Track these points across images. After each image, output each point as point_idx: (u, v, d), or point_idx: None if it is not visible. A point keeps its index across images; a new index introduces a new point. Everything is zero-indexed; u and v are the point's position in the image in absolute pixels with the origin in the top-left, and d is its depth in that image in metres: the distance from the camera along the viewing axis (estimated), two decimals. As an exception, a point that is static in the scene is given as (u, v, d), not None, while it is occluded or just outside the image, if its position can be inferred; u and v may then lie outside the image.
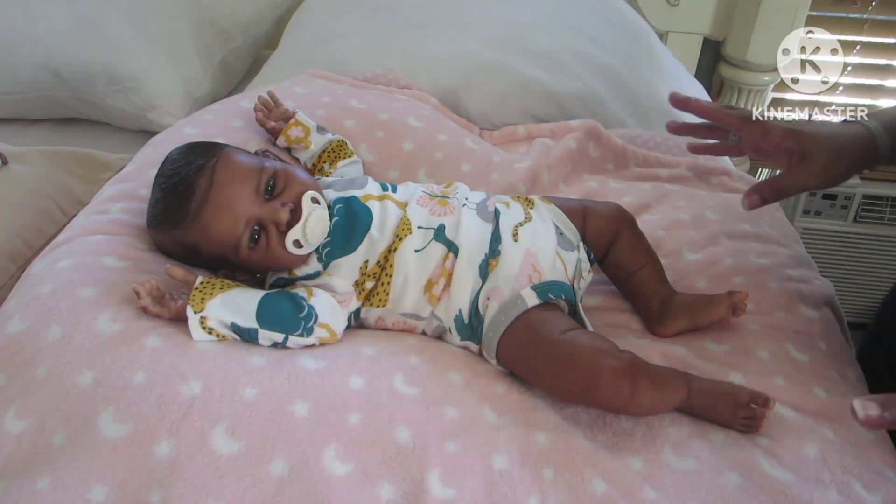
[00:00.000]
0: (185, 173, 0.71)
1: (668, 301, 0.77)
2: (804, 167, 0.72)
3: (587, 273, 0.78)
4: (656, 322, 0.77)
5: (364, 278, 0.73)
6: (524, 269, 0.71)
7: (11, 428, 0.56)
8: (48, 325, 0.62)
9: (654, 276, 0.79)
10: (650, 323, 0.78)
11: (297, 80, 1.09)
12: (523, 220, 0.76)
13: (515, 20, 1.30)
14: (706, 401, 0.66)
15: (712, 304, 0.75)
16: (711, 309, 0.75)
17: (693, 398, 0.66)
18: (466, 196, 0.79)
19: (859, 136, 0.73)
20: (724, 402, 0.66)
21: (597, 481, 0.59)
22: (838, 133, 0.73)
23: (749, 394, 0.65)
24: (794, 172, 0.72)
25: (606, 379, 0.61)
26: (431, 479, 0.57)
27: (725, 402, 0.65)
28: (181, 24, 1.36)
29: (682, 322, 0.76)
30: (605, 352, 0.64)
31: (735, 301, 0.74)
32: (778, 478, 0.61)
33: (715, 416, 0.66)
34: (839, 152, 0.72)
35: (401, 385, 0.64)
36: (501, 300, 0.70)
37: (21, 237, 0.96)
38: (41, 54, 1.25)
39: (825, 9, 1.76)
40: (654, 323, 0.77)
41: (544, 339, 0.66)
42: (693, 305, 0.76)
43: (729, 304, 0.75)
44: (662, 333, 0.77)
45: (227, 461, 0.55)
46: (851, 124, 0.75)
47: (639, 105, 1.22)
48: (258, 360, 0.64)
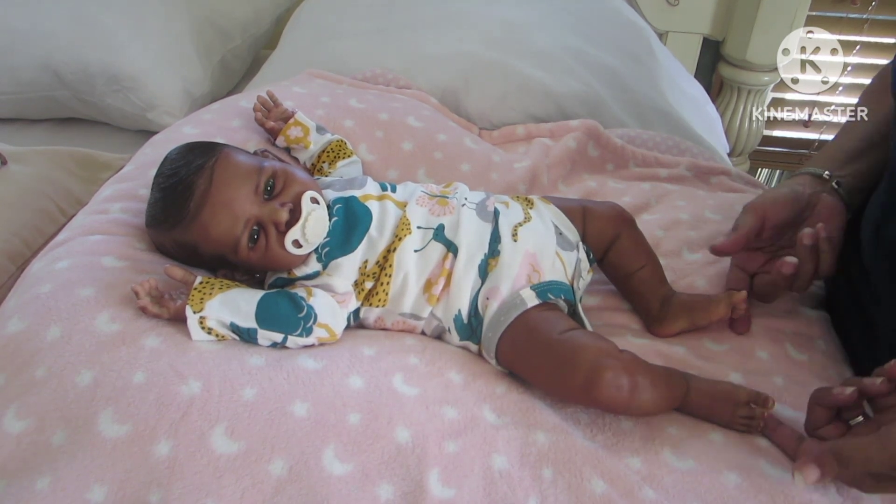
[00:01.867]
0: (185, 173, 0.71)
1: (668, 301, 0.77)
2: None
3: (586, 273, 0.78)
4: (656, 322, 0.77)
5: (363, 278, 0.73)
6: (523, 269, 0.71)
7: (11, 428, 0.56)
8: (47, 325, 0.62)
9: (653, 276, 0.79)
10: (650, 323, 0.78)
11: (297, 80, 1.09)
12: (523, 219, 0.76)
13: (515, 20, 1.30)
14: (705, 401, 0.66)
15: (712, 304, 0.75)
16: (711, 309, 0.75)
17: (692, 398, 0.66)
18: (466, 196, 0.79)
19: (807, 182, 0.79)
20: (723, 403, 0.65)
21: (596, 481, 0.59)
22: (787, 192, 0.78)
23: (748, 394, 0.65)
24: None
25: (606, 379, 0.61)
26: (431, 479, 0.57)
27: (724, 403, 0.65)
28: (181, 24, 1.36)
29: (682, 322, 0.76)
30: (605, 352, 0.64)
31: (734, 301, 0.74)
32: (777, 477, 0.60)
33: (714, 416, 0.66)
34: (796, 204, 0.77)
35: (400, 385, 0.64)
36: (501, 300, 0.70)
37: (20, 237, 0.96)
38: (41, 54, 1.25)
39: (825, 9, 1.77)
40: (654, 323, 0.77)
41: (543, 339, 0.66)
42: (692, 305, 0.76)
43: (728, 303, 0.75)
44: (662, 333, 0.77)
45: (227, 461, 0.55)
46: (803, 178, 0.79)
47: (638, 105, 1.22)
48: (257, 360, 0.64)
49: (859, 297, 0.77)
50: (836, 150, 0.83)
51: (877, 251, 0.71)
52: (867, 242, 0.73)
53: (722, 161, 1.16)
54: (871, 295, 0.75)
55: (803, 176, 0.80)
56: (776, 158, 2.11)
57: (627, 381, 0.61)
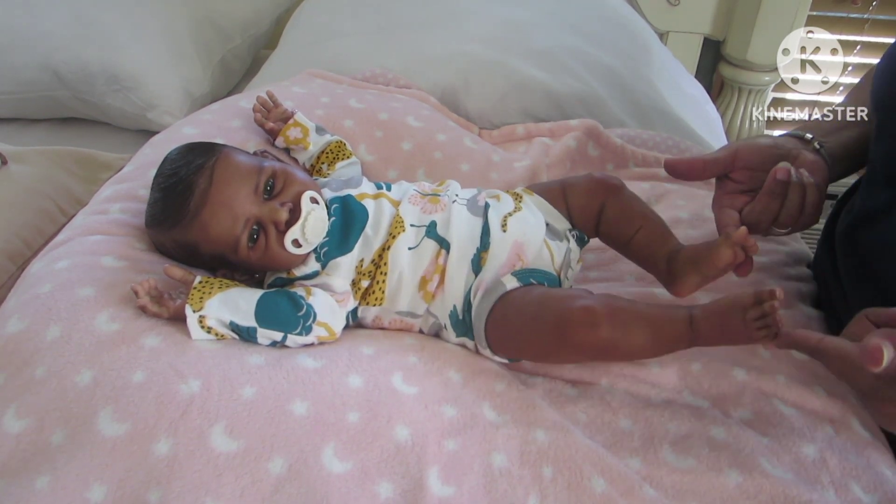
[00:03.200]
0: (185, 173, 0.71)
1: (674, 259, 0.71)
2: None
3: (576, 263, 0.77)
4: (669, 283, 0.72)
5: (359, 277, 0.73)
6: (510, 259, 0.71)
7: (10, 427, 0.56)
8: (47, 324, 0.62)
9: (652, 237, 0.74)
10: (666, 285, 0.73)
11: (296, 80, 1.09)
12: (512, 209, 0.76)
13: (514, 20, 1.30)
14: (714, 322, 0.61)
15: (713, 251, 0.66)
16: (713, 256, 0.67)
17: (700, 325, 0.61)
18: (457, 193, 0.79)
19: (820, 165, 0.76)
20: (731, 315, 0.59)
21: (596, 480, 0.59)
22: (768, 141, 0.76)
23: (752, 294, 0.59)
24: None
25: (576, 315, 0.59)
26: (430, 478, 0.57)
27: (733, 314, 0.59)
28: (180, 24, 1.36)
29: (693, 277, 0.69)
30: (576, 295, 0.63)
31: (736, 239, 0.65)
32: (777, 477, 0.60)
33: (729, 334, 0.60)
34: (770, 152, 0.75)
35: (399, 384, 0.64)
36: (485, 288, 0.70)
37: (20, 237, 0.96)
38: (41, 54, 1.25)
39: (825, 9, 1.77)
40: (669, 284, 0.72)
41: (520, 308, 0.65)
42: (696, 258, 0.69)
43: (730, 244, 0.65)
44: (680, 293, 0.70)
45: (226, 460, 0.55)
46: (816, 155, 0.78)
47: (638, 105, 1.22)
48: (257, 359, 0.64)
49: (830, 295, 0.78)
50: (821, 122, 0.83)
51: (849, 253, 0.72)
52: (839, 242, 0.73)
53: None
54: (841, 294, 0.75)
55: (785, 137, 0.79)
56: (776, 158, 2.11)
57: (602, 311, 0.59)
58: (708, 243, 0.68)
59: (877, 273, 0.72)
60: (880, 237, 0.72)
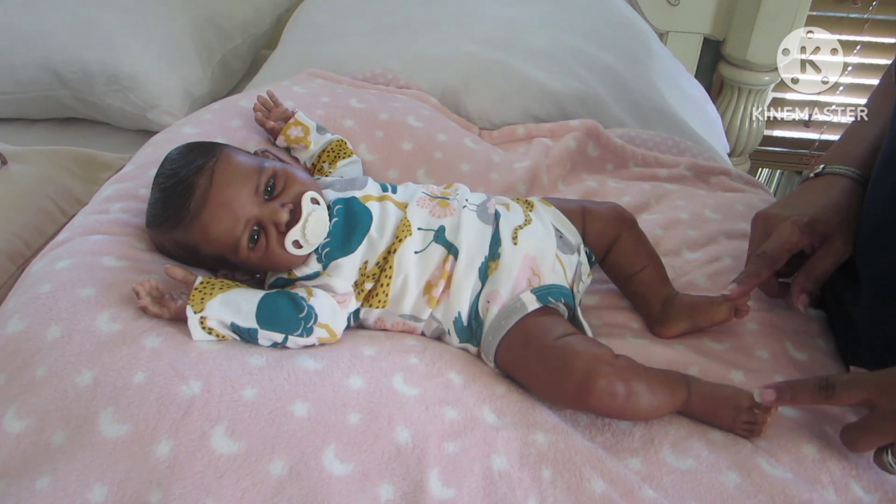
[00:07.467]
0: (185, 173, 0.71)
1: (670, 302, 0.77)
2: (830, 248, 0.74)
3: (586, 276, 0.78)
4: (658, 323, 0.77)
5: (363, 279, 0.73)
6: (524, 273, 0.71)
7: (11, 428, 0.56)
8: (47, 324, 0.62)
9: (655, 277, 0.79)
10: (651, 324, 0.78)
11: (297, 80, 1.09)
12: (523, 222, 0.76)
13: (515, 20, 1.30)
14: (707, 405, 0.65)
15: (713, 307, 0.75)
16: (712, 311, 0.75)
17: (694, 402, 0.65)
18: (467, 197, 0.79)
19: (848, 188, 0.77)
20: (725, 407, 0.65)
21: (596, 481, 0.59)
22: (837, 201, 0.76)
23: (751, 398, 0.64)
24: (823, 256, 0.75)
25: (599, 386, 0.61)
26: (431, 480, 0.57)
27: (726, 407, 0.65)
28: (180, 24, 1.36)
29: (684, 323, 0.76)
30: (599, 358, 0.63)
31: (737, 303, 0.74)
32: (777, 477, 0.60)
33: (716, 420, 0.66)
34: (847, 213, 0.75)
35: (400, 385, 0.64)
36: (501, 304, 0.70)
37: (20, 237, 0.96)
38: (41, 54, 1.25)
39: (825, 9, 1.77)
40: (656, 324, 0.77)
41: (539, 345, 0.66)
42: (694, 307, 0.76)
43: (730, 306, 0.74)
44: (664, 335, 0.77)
45: (227, 461, 0.55)
46: (835, 181, 0.78)
47: (638, 105, 1.22)
48: (258, 361, 0.64)
49: (839, 296, 0.78)
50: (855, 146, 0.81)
51: (879, 249, 0.71)
52: (867, 240, 0.73)
53: (722, 161, 1.16)
54: (852, 294, 0.75)
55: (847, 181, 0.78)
56: (776, 158, 2.11)
57: (622, 387, 0.61)
58: (708, 297, 0.76)
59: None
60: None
